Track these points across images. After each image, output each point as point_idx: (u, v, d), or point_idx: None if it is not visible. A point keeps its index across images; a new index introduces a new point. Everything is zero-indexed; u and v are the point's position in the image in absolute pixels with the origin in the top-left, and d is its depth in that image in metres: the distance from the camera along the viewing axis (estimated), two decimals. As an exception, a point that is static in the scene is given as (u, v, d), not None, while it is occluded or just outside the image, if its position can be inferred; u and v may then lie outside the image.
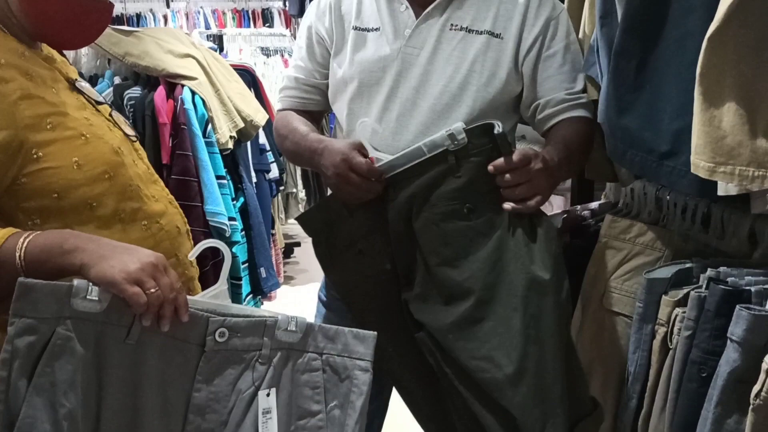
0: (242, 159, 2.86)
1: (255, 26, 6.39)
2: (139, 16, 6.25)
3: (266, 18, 6.77)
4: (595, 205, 1.79)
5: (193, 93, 2.54)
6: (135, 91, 2.54)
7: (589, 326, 1.54)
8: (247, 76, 3.24)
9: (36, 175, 1.12)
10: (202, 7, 6.60)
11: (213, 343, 1.08)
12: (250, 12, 6.82)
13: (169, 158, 2.47)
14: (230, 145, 2.65)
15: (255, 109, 2.84)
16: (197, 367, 1.08)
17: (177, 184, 2.41)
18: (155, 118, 2.45)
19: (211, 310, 1.09)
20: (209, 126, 2.56)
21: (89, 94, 1.30)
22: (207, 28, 6.14)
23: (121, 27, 2.73)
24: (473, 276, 1.34)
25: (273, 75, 4.49)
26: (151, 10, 6.35)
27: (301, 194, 4.43)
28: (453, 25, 1.50)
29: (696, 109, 1.09)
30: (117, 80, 2.64)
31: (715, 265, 1.27)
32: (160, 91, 2.50)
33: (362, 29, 1.56)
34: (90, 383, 1.00)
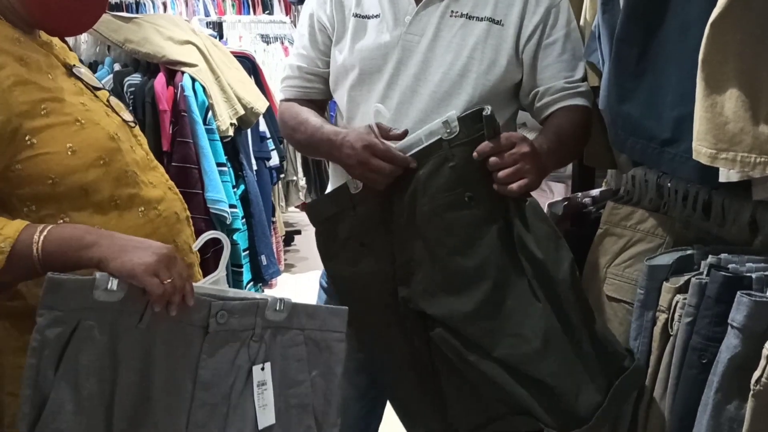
0: (243, 146, 2.85)
1: (255, 13, 6.34)
2: (138, 2, 6.20)
3: (266, 5, 6.72)
4: (596, 192, 1.79)
5: (194, 80, 2.52)
6: (135, 78, 2.53)
7: (590, 313, 1.54)
8: (247, 63, 3.24)
9: (30, 162, 1.12)
10: (201, -6, 6.56)
11: (215, 325, 1.17)
12: (250, -1, 6.78)
13: (170, 145, 2.46)
14: (231, 133, 2.64)
15: (255, 97, 2.82)
16: (201, 347, 1.17)
17: (177, 172, 2.40)
18: (155, 105, 2.44)
19: (211, 294, 1.19)
20: (209, 113, 2.55)
21: (87, 80, 1.29)
22: (206, 14, 6.08)
23: (120, 13, 2.72)
24: (486, 261, 1.36)
25: (273, 62, 4.48)
26: (151, -3, 6.32)
27: (302, 182, 4.43)
28: (453, 12, 1.50)
29: (698, 96, 1.09)
30: (117, 67, 2.63)
31: (716, 251, 1.27)
32: (160, 78, 2.49)
33: (363, 16, 1.55)
34: (106, 366, 1.08)
